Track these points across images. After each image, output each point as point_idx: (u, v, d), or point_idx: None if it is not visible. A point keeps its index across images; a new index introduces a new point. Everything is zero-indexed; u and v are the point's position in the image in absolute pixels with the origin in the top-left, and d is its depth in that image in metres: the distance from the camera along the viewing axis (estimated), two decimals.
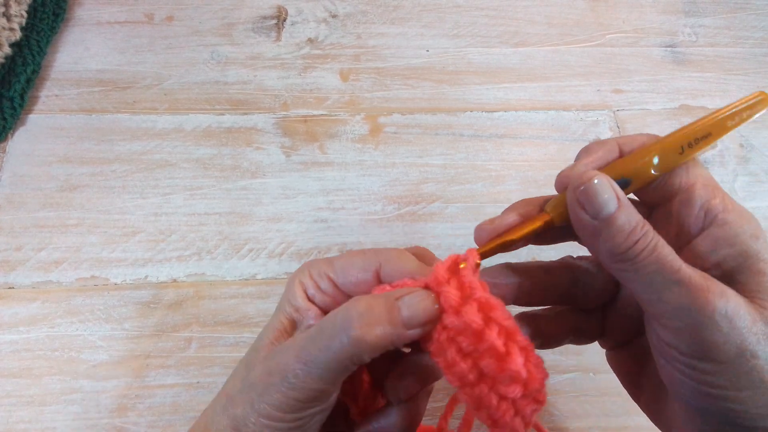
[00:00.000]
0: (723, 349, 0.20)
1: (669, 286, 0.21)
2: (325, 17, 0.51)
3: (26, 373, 0.35)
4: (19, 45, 0.44)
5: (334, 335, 0.21)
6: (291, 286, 0.26)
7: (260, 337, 0.25)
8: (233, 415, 0.23)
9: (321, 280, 0.25)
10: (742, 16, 0.54)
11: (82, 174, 0.42)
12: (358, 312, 0.21)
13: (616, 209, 0.21)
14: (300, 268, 0.26)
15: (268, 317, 0.38)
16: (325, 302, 0.26)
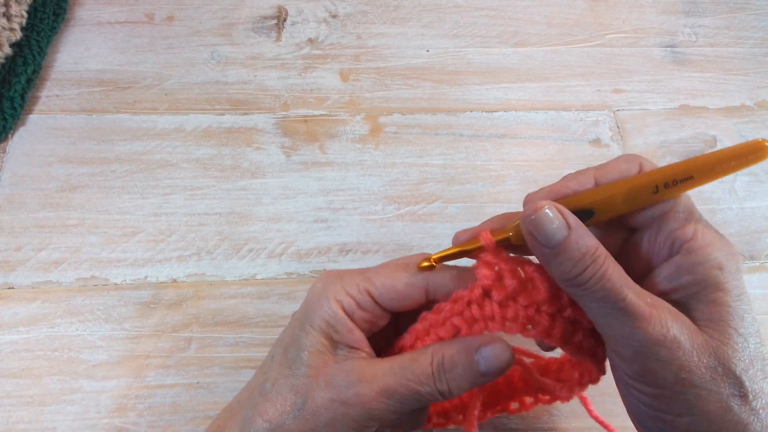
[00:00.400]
0: (661, 376, 0.21)
1: (614, 313, 0.22)
2: (326, 17, 0.51)
3: (26, 373, 0.35)
4: (20, 45, 0.44)
5: (424, 383, 0.23)
6: (325, 302, 0.25)
7: (296, 357, 0.25)
8: None
9: (360, 296, 0.25)
10: (741, 16, 0.54)
11: (82, 174, 0.42)
12: (446, 367, 0.24)
13: (564, 238, 0.22)
14: (327, 282, 0.26)
15: (269, 317, 0.38)
16: (364, 319, 0.26)
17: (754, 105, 0.48)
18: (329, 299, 0.25)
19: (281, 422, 0.24)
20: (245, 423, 0.24)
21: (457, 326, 0.25)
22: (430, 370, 0.23)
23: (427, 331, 0.25)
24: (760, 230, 0.42)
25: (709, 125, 0.47)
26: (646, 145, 0.46)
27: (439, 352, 0.24)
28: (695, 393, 0.21)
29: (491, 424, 0.34)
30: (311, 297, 0.26)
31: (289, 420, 0.24)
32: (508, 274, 0.24)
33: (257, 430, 0.24)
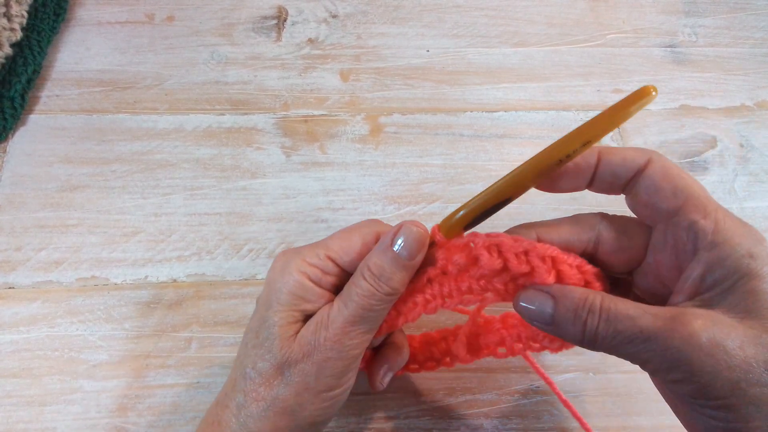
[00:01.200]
0: (716, 386, 0.20)
1: (642, 347, 0.21)
2: (326, 17, 0.51)
3: (26, 373, 0.35)
4: (20, 45, 0.44)
5: (371, 295, 0.25)
6: (288, 276, 0.26)
7: (268, 335, 0.25)
8: (283, 409, 0.25)
9: (322, 262, 0.26)
10: (742, 16, 0.54)
11: (82, 174, 0.42)
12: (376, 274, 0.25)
13: (553, 309, 0.22)
14: (286, 259, 0.26)
15: None
16: (331, 283, 0.27)
17: (754, 105, 0.48)
18: (293, 273, 0.26)
19: (275, 396, 0.25)
20: (240, 410, 0.25)
21: (417, 303, 0.27)
22: (367, 284, 0.25)
23: (398, 304, 0.27)
24: (761, 230, 0.42)
25: (709, 125, 0.47)
26: (646, 145, 0.46)
27: (365, 265, 0.25)
28: (755, 391, 0.20)
29: (492, 424, 0.34)
30: (273, 276, 0.26)
31: (282, 390, 0.25)
32: (458, 252, 0.26)
33: (253, 412, 0.25)
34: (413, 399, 0.35)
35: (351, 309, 0.25)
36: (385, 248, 0.25)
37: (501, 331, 0.31)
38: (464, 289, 0.26)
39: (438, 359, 0.33)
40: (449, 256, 0.26)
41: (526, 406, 0.35)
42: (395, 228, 0.25)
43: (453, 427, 0.34)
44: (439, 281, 0.26)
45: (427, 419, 0.35)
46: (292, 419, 0.25)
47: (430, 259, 0.27)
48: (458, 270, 0.26)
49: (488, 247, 0.25)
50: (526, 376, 0.36)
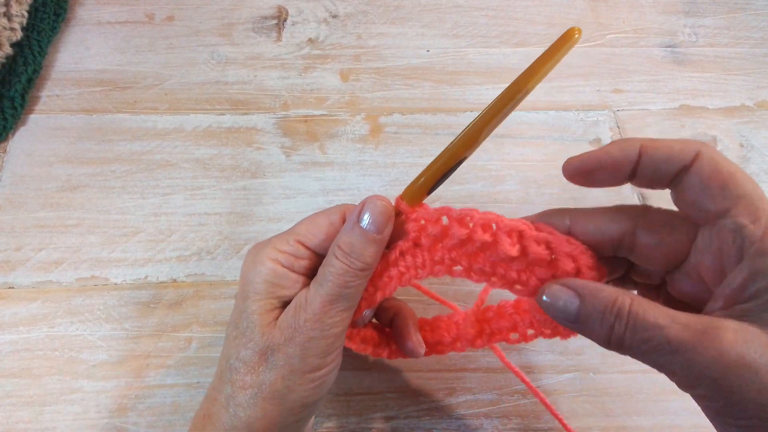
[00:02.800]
0: (743, 406, 0.19)
1: (668, 358, 0.20)
2: (326, 17, 0.51)
3: (26, 373, 0.35)
4: (20, 45, 0.44)
5: (345, 272, 0.25)
6: (260, 266, 0.26)
7: (248, 325, 0.26)
8: (271, 393, 0.25)
9: (293, 248, 0.27)
10: (741, 16, 0.54)
11: (82, 174, 0.42)
12: (347, 251, 0.25)
13: (579, 307, 0.22)
14: (256, 251, 0.27)
15: None
16: (304, 267, 0.27)
17: (754, 105, 0.48)
18: (264, 263, 0.26)
19: (261, 381, 0.25)
20: (229, 401, 0.25)
21: (392, 276, 0.27)
22: (339, 263, 0.25)
23: (374, 279, 0.28)
24: None
25: (709, 125, 0.47)
26: None
27: (335, 245, 0.26)
28: None
29: (492, 423, 0.34)
30: (246, 269, 0.27)
31: (268, 376, 0.25)
32: (430, 224, 0.26)
33: (242, 401, 0.25)
34: (413, 399, 0.35)
35: (327, 288, 0.25)
36: (353, 225, 0.25)
37: (514, 316, 0.30)
38: (437, 259, 0.26)
39: (448, 343, 0.32)
40: (421, 228, 0.26)
41: (526, 406, 0.35)
42: (360, 204, 0.26)
43: (453, 427, 0.34)
44: (412, 253, 0.27)
45: (427, 419, 0.35)
46: (281, 403, 0.25)
47: (400, 232, 0.27)
48: (432, 241, 0.26)
49: (459, 218, 0.26)
50: (526, 376, 0.36)
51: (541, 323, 0.28)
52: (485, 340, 0.31)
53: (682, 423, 0.35)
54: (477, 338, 0.31)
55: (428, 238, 0.26)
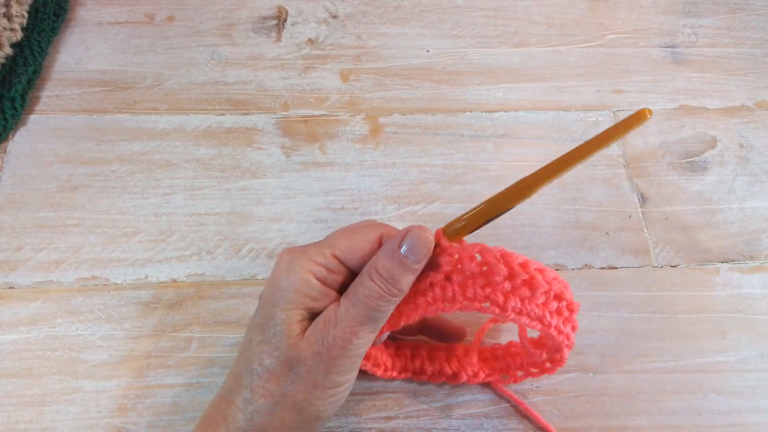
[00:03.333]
0: None
1: None
2: (326, 18, 0.51)
3: (26, 373, 0.35)
4: (20, 45, 0.44)
5: (378, 297, 0.25)
6: (294, 275, 0.26)
7: (275, 333, 0.26)
8: (292, 404, 0.25)
9: (328, 261, 0.27)
10: (741, 16, 0.54)
11: (82, 174, 0.42)
12: (384, 276, 0.26)
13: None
14: (292, 258, 0.27)
15: None
16: (337, 281, 0.27)
17: (754, 105, 0.48)
18: (298, 272, 0.26)
19: (284, 392, 0.25)
20: (246, 404, 0.25)
21: (419, 305, 0.28)
22: (374, 285, 0.25)
23: (401, 305, 0.28)
24: (760, 230, 0.42)
25: (709, 125, 0.47)
26: (646, 145, 0.46)
27: (373, 268, 0.26)
28: None
29: (492, 424, 0.34)
30: (279, 274, 0.27)
31: (291, 387, 0.25)
32: (466, 260, 0.27)
33: (261, 407, 0.25)
34: (413, 399, 0.35)
35: (359, 309, 0.25)
36: (393, 251, 0.26)
37: (510, 358, 0.34)
38: (469, 295, 0.27)
39: (449, 375, 0.34)
40: (454, 263, 0.27)
41: (526, 406, 0.35)
42: (403, 232, 0.26)
43: (453, 427, 0.34)
44: (441, 286, 0.27)
45: (427, 419, 0.35)
46: (299, 414, 0.25)
47: (434, 263, 0.27)
48: (464, 277, 0.27)
49: (495, 256, 0.27)
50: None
51: (530, 364, 0.33)
52: (483, 377, 0.34)
53: (682, 423, 0.35)
54: (474, 377, 0.34)
55: (459, 273, 0.27)
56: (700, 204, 0.43)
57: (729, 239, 0.42)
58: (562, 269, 0.40)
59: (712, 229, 0.42)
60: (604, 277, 0.40)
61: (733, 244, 0.42)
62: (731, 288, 0.40)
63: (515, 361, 0.34)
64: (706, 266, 0.41)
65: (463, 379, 0.34)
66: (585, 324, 0.38)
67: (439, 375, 0.34)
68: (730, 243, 0.42)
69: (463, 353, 0.35)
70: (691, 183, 0.44)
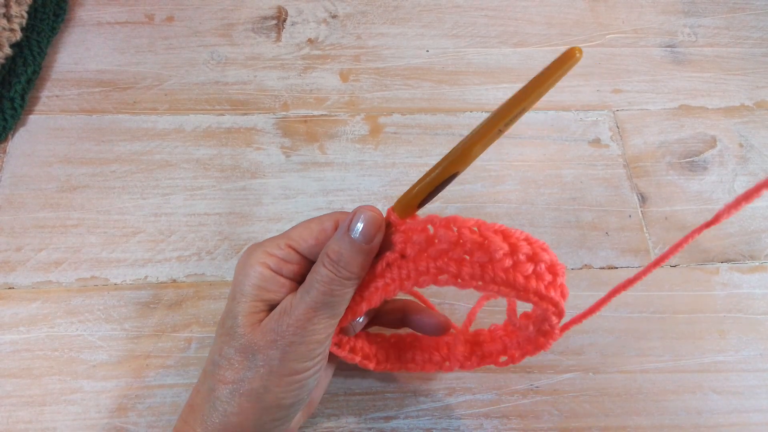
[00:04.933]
0: None
1: None
2: (325, 18, 0.51)
3: (26, 373, 0.35)
4: (20, 45, 0.44)
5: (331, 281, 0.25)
6: (250, 269, 0.27)
7: (233, 324, 0.26)
8: (249, 391, 0.26)
9: (283, 252, 0.27)
10: (741, 16, 0.54)
11: (82, 174, 0.42)
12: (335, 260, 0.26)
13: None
14: (248, 253, 0.27)
15: None
16: (293, 272, 0.27)
17: (754, 105, 0.48)
18: (253, 265, 0.26)
19: (240, 378, 0.26)
20: (210, 393, 0.26)
21: (378, 288, 0.27)
22: (326, 271, 0.25)
23: (361, 290, 0.28)
24: (760, 230, 0.42)
25: (709, 125, 0.47)
26: (646, 145, 0.46)
27: (324, 254, 0.26)
28: None
29: (492, 424, 0.34)
30: (237, 271, 0.27)
31: (247, 374, 0.26)
32: (416, 233, 0.26)
33: (221, 395, 0.26)
34: (413, 399, 0.35)
35: (312, 296, 0.25)
36: (343, 234, 0.26)
37: (504, 339, 0.32)
38: (421, 269, 0.26)
39: (437, 362, 0.33)
40: (407, 239, 0.26)
41: (526, 406, 0.35)
42: (351, 214, 0.26)
43: (453, 427, 0.34)
44: (398, 265, 0.27)
45: (427, 419, 0.35)
46: (258, 402, 0.26)
47: (388, 243, 0.27)
48: (417, 251, 0.26)
49: (445, 224, 0.26)
50: (525, 376, 0.36)
51: (526, 341, 0.30)
52: (475, 362, 0.32)
53: (682, 423, 0.35)
54: (467, 360, 0.32)
55: (413, 248, 0.26)
56: (700, 204, 0.43)
57: (729, 239, 0.42)
58: None
59: (712, 229, 0.42)
60: (603, 277, 0.40)
61: (733, 244, 0.42)
62: (731, 288, 0.40)
63: (506, 342, 0.32)
64: (706, 266, 0.41)
65: (456, 366, 0.33)
66: (585, 324, 0.38)
67: (430, 363, 0.33)
68: (730, 243, 0.42)
69: (453, 341, 0.34)
70: (691, 183, 0.44)
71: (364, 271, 0.27)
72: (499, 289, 0.25)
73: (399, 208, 0.27)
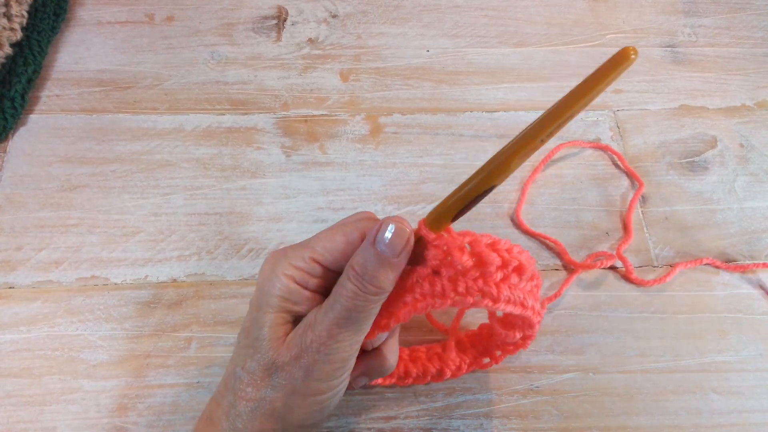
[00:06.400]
0: None
1: None
2: (326, 17, 0.51)
3: (26, 373, 0.35)
4: (20, 45, 0.44)
5: (355, 296, 0.24)
6: (276, 280, 0.26)
7: (257, 336, 0.25)
8: (270, 411, 0.25)
9: (308, 265, 0.26)
10: (742, 16, 0.54)
11: (82, 174, 0.42)
12: (360, 273, 0.24)
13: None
14: (274, 262, 0.26)
15: None
16: (318, 285, 0.27)
17: (754, 105, 0.48)
18: (279, 277, 0.26)
19: (262, 396, 0.25)
20: (231, 408, 0.25)
21: (406, 303, 0.26)
22: (351, 285, 0.24)
23: (388, 304, 0.27)
24: (760, 230, 0.42)
25: (709, 125, 0.47)
26: (646, 145, 0.46)
27: (349, 266, 0.25)
28: None
29: (492, 424, 0.34)
30: (262, 280, 0.26)
31: (269, 393, 0.25)
32: (456, 252, 0.25)
33: (241, 413, 0.25)
34: (413, 399, 0.35)
35: (336, 311, 0.24)
36: (368, 245, 0.24)
37: (485, 341, 0.33)
38: (461, 290, 0.25)
39: (433, 375, 0.34)
40: (443, 256, 0.25)
41: (526, 406, 0.35)
42: (377, 225, 0.25)
43: (453, 427, 0.34)
44: (430, 281, 0.26)
45: (427, 419, 0.35)
46: (279, 422, 0.25)
47: (418, 256, 0.26)
48: (456, 271, 0.25)
49: (491, 245, 0.25)
50: (526, 377, 0.36)
51: (507, 343, 0.31)
52: (464, 369, 0.34)
53: (682, 423, 0.35)
54: (459, 371, 0.33)
55: (450, 268, 0.25)
56: (700, 204, 0.43)
57: (729, 239, 0.42)
58: (563, 269, 0.40)
59: (712, 229, 0.42)
60: (604, 277, 0.40)
61: (733, 244, 0.42)
62: (731, 288, 0.40)
63: (492, 342, 0.33)
64: (706, 266, 0.41)
65: (447, 376, 0.33)
66: (585, 324, 0.38)
67: (424, 376, 0.34)
68: (730, 243, 0.42)
69: (443, 349, 0.34)
70: (691, 183, 0.44)
71: (391, 285, 0.25)
72: (513, 309, 0.26)
73: (430, 221, 0.25)
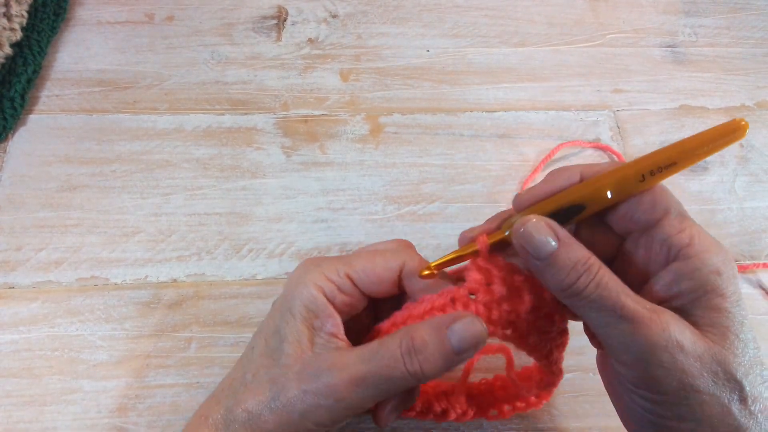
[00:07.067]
0: (664, 382, 0.21)
1: (614, 321, 0.22)
2: (326, 17, 0.51)
3: (26, 373, 0.35)
4: (20, 45, 0.44)
5: (394, 367, 0.23)
6: (304, 288, 0.25)
7: (277, 347, 0.25)
8: (262, 430, 0.24)
9: (340, 280, 0.25)
10: (742, 16, 0.54)
11: (82, 174, 0.42)
12: (416, 348, 0.23)
13: (554, 250, 0.22)
14: (306, 269, 0.26)
15: None
16: (345, 303, 0.26)
17: (754, 105, 0.48)
18: (308, 285, 0.25)
19: (258, 412, 0.24)
20: (227, 412, 0.25)
21: None
22: (398, 353, 0.23)
23: (405, 319, 0.26)
24: (760, 230, 0.42)
25: (709, 125, 0.47)
26: (646, 145, 0.46)
27: (408, 334, 0.23)
28: (698, 398, 0.21)
29: (492, 425, 0.34)
30: (291, 284, 0.26)
31: (266, 411, 0.24)
32: (498, 281, 0.24)
33: (236, 419, 0.24)
34: None
35: (367, 367, 0.23)
36: (441, 328, 0.23)
37: (497, 393, 0.32)
38: (494, 319, 0.24)
39: (437, 414, 0.32)
40: (484, 281, 0.24)
41: None
42: (457, 313, 0.24)
43: (453, 427, 0.34)
44: (464, 303, 0.24)
45: (427, 419, 0.34)
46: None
47: (459, 276, 0.25)
48: (492, 298, 0.24)
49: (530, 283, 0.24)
50: None
51: (517, 398, 0.31)
52: (472, 415, 0.32)
53: None
54: (464, 416, 0.32)
55: (487, 295, 0.24)
56: (700, 204, 0.43)
57: (729, 239, 0.42)
58: None
59: (712, 229, 0.42)
60: None
61: (733, 244, 0.42)
62: None
63: (502, 395, 0.32)
64: None
65: (452, 418, 0.32)
66: None
67: (427, 412, 0.32)
68: (730, 243, 0.42)
69: (451, 390, 0.32)
70: (691, 183, 0.44)
71: (436, 377, 0.23)
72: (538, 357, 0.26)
73: (495, 244, 0.24)
